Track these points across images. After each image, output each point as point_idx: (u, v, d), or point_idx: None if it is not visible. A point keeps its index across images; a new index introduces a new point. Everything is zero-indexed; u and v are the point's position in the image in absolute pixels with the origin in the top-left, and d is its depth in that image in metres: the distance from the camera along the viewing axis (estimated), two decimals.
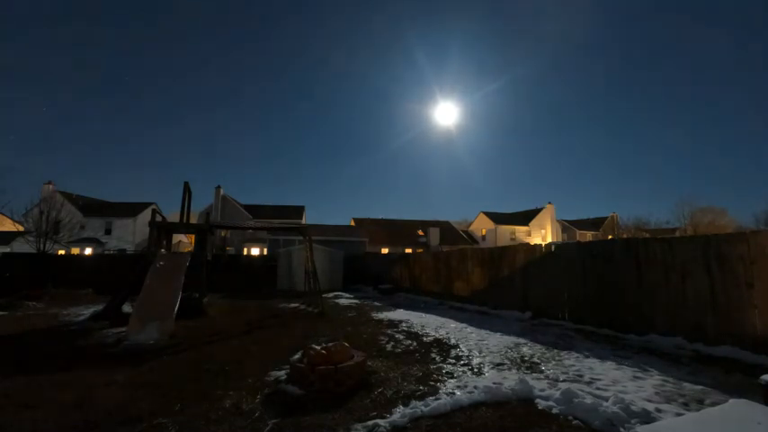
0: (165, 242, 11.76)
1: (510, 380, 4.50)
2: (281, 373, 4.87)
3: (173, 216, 33.94)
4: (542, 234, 47.69)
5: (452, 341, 7.04)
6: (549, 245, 10.06)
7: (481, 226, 49.35)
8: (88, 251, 32.26)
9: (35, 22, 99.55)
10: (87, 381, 4.76)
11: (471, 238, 46.98)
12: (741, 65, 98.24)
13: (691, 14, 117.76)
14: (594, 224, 51.75)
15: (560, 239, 48.59)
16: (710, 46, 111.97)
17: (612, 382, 4.56)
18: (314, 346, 4.57)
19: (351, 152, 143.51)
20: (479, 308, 11.34)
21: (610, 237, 38.23)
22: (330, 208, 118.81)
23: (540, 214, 48.59)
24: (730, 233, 6.95)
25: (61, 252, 22.85)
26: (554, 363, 5.50)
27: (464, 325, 8.80)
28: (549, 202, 48.90)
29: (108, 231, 37.15)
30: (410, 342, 7.02)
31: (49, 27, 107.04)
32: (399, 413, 3.62)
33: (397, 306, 12.55)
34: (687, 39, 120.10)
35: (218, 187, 38.18)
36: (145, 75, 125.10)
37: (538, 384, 4.35)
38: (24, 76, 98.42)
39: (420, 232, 44.13)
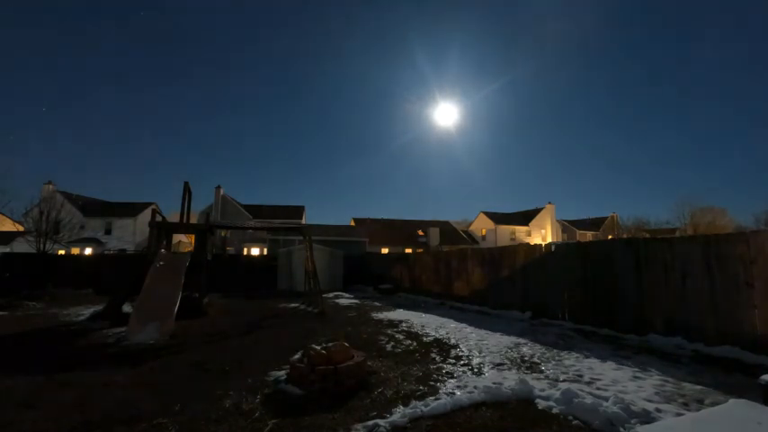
0: (165, 242, 11.75)
1: (510, 380, 4.50)
2: (281, 373, 4.87)
3: (173, 216, 33.97)
4: (542, 234, 47.70)
5: (452, 341, 7.04)
6: (548, 245, 10.05)
7: (481, 226, 49.35)
8: (88, 251, 32.25)
9: (34, 20, 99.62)
10: (87, 381, 4.76)
11: (471, 238, 46.98)
12: (741, 64, 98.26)
13: (691, 14, 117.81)
14: (594, 224, 51.77)
15: (560, 239, 48.61)
16: (710, 45, 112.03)
17: (612, 382, 4.56)
18: (314, 346, 4.57)
19: (351, 152, 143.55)
20: (479, 308, 11.34)
21: (610, 237, 38.23)
22: (330, 208, 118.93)
23: (540, 214, 48.60)
24: (730, 233, 6.95)
25: (61, 252, 22.83)
26: (554, 363, 5.50)
27: (464, 325, 8.80)
28: (549, 202, 48.94)
29: (108, 231, 37.14)
30: (410, 342, 7.02)
31: (47, 26, 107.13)
32: (399, 413, 3.62)
33: (397, 306, 12.55)
34: (687, 38, 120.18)
35: (219, 187, 38.19)
36: (145, 74, 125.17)
37: (538, 384, 4.35)
38: (24, 75, 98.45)
39: (420, 232, 44.12)
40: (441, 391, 4.25)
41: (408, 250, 34.61)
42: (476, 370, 5.18)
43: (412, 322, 9.24)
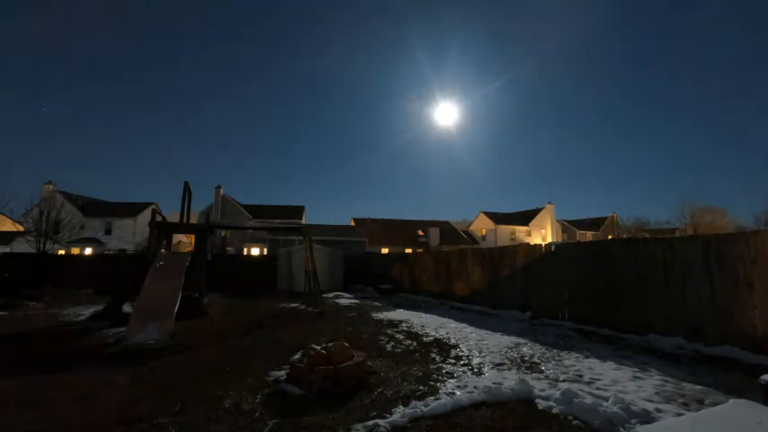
0: (165, 242, 11.75)
1: (510, 380, 4.50)
2: (281, 373, 4.87)
3: (173, 216, 33.96)
4: (542, 234, 47.69)
5: (452, 341, 7.04)
6: (548, 245, 10.05)
7: (481, 226, 49.35)
8: (88, 251, 32.24)
9: (34, 20, 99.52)
10: (87, 381, 4.76)
11: (471, 238, 46.97)
12: (741, 64, 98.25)
13: (689, 13, 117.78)
14: (594, 224, 51.75)
15: (560, 239, 48.60)
16: (709, 45, 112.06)
17: (612, 382, 4.56)
18: (314, 346, 4.57)
19: (351, 152, 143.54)
20: (479, 308, 11.33)
21: (610, 237, 38.22)
22: (330, 208, 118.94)
23: (540, 214, 48.59)
24: (730, 233, 6.94)
25: (61, 252, 22.84)
26: (554, 363, 5.50)
27: (464, 325, 8.79)
28: (549, 202, 48.92)
29: (108, 231, 37.13)
30: (410, 342, 7.01)
31: (44, 25, 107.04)
32: (399, 413, 3.62)
33: (397, 306, 12.55)
34: (686, 38, 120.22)
35: (219, 187, 38.17)
36: (144, 74, 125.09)
37: (538, 384, 4.35)
38: (23, 76, 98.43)
39: (420, 232, 44.12)
40: (441, 391, 4.25)
41: (408, 250, 34.61)
42: (476, 370, 5.18)
43: (412, 322, 9.24)
